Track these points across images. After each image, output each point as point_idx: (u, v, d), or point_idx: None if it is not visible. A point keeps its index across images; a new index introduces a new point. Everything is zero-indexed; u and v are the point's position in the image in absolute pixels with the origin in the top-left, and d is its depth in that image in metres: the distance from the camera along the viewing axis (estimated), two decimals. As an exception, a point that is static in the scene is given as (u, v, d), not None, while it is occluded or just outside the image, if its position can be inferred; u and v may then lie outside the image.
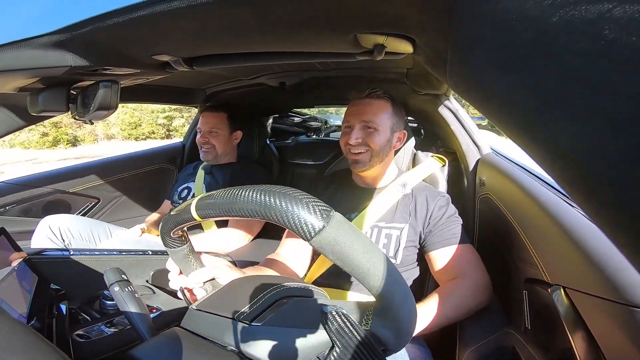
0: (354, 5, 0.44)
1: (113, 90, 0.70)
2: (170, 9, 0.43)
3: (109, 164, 2.01)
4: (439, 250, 0.98)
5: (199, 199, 0.49)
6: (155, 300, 1.07)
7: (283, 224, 0.40)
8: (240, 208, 0.42)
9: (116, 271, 0.76)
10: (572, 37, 0.19)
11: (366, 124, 1.05)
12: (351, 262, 0.40)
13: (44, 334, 0.71)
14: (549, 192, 0.83)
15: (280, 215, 0.39)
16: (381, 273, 0.40)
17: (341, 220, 0.40)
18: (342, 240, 0.39)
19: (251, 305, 0.52)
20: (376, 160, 1.07)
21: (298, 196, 0.40)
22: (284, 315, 0.49)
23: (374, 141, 1.04)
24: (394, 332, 0.43)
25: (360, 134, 1.05)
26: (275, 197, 0.40)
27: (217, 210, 0.46)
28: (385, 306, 0.42)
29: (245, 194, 0.42)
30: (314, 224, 0.38)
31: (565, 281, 0.63)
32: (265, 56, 0.71)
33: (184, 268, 0.65)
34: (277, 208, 0.39)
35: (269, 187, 0.42)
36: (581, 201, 0.21)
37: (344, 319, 0.40)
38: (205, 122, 1.72)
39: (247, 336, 0.49)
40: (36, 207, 1.72)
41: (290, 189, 0.41)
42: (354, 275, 0.41)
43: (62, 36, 0.51)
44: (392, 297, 0.42)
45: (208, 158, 1.72)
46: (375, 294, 0.42)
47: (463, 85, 0.36)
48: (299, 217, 0.38)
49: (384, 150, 1.07)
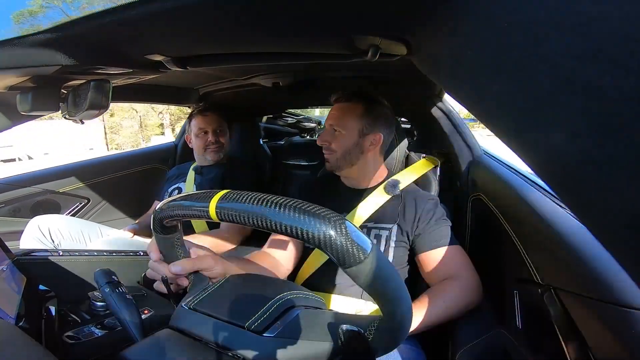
0: (349, 6, 0.44)
1: (105, 89, 0.69)
2: (164, 8, 0.43)
3: (99, 164, 1.99)
4: (428, 253, 0.99)
5: (223, 197, 0.44)
6: (147, 302, 1.06)
7: (322, 249, 0.39)
8: (275, 223, 0.40)
9: (107, 272, 0.75)
10: (563, 40, 0.19)
11: (333, 127, 1.09)
12: (376, 291, 0.42)
13: (33, 335, 0.70)
14: (540, 193, 0.84)
15: (324, 241, 0.38)
16: (400, 302, 0.43)
17: (379, 254, 0.41)
18: (377, 273, 0.40)
19: (261, 314, 0.52)
20: (344, 162, 1.09)
21: (343, 224, 0.39)
22: (295, 327, 0.51)
23: (338, 144, 1.07)
24: (388, 345, 0.47)
25: (327, 137, 1.09)
26: (320, 221, 0.38)
27: (245, 218, 0.42)
28: (391, 327, 0.46)
29: (285, 210, 0.39)
30: (355, 254, 0.39)
31: (555, 282, 0.64)
32: (259, 57, 0.71)
33: (168, 256, 0.63)
34: (321, 234, 0.38)
35: (314, 208, 0.40)
36: (571, 203, 0.21)
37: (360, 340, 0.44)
38: (210, 122, 1.70)
39: (258, 347, 0.49)
40: (25, 207, 1.69)
41: (333, 213, 0.40)
42: (375, 300, 0.44)
43: (53, 35, 0.50)
44: (402, 321, 0.45)
45: (219, 157, 1.71)
46: (385, 314, 0.45)
47: (456, 87, 0.37)
48: (343, 246, 0.38)
49: (352, 153, 1.08)
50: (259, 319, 0.51)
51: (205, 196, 0.46)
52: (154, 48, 0.63)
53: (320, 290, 1.06)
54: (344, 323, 0.47)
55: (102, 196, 1.92)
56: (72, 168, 1.85)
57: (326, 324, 0.50)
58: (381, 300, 0.44)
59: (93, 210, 1.90)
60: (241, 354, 0.49)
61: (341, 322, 0.49)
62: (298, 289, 0.59)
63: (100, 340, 0.85)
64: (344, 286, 1.03)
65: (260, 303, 0.54)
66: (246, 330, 0.51)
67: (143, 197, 2.01)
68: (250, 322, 0.51)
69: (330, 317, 0.52)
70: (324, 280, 1.06)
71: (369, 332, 0.47)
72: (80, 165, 1.92)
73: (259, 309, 0.53)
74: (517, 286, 0.78)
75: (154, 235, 0.59)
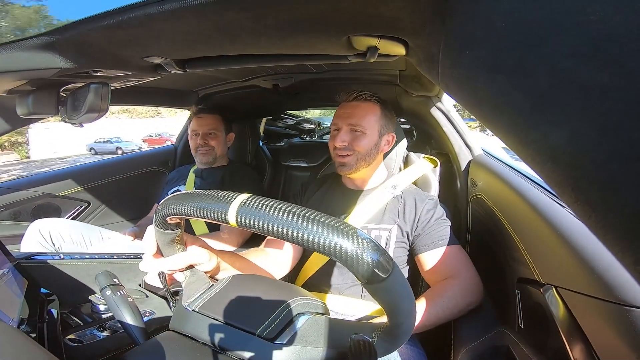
0: (348, 7, 0.44)
1: (103, 92, 0.69)
2: (163, 10, 0.43)
3: (99, 167, 1.98)
4: (428, 253, 0.99)
5: (244, 203, 0.42)
6: (148, 304, 1.07)
7: (346, 265, 0.39)
8: (299, 235, 0.38)
9: (108, 275, 0.75)
10: (562, 39, 0.19)
11: (353, 127, 1.05)
12: (390, 306, 0.44)
13: (35, 338, 0.70)
14: (540, 192, 0.84)
15: (350, 259, 0.38)
16: (409, 315, 0.45)
17: (398, 273, 0.41)
18: (395, 290, 0.42)
19: (271, 321, 0.53)
20: (362, 163, 1.07)
21: (371, 243, 0.39)
22: (305, 335, 0.52)
23: (361, 144, 1.04)
24: (388, 349, 0.48)
25: (347, 137, 1.05)
26: (347, 238, 0.38)
27: (267, 226, 0.40)
28: (395, 334, 0.47)
29: (316, 227, 0.38)
30: (378, 273, 0.39)
31: (556, 280, 0.64)
32: (258, 58, 0.71)
33: (165, 251, 0.62)
34: (346, 251, 0.38)
35: (341, 225, 0.39)
36: (571, 202, 0.21)
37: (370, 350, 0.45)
38: (202, 124, 1.68)
39: (270, 354, 0.49)
40: (25, 211, 1.69)
41: (361, 232, 0.40)
42: (385, 311, 0.45)
43: (52, 38, 0.50)
44: (407, 329, 0.47)
45: (207, 160, 1.69)
46: (392, 324, 0.46)
47: (454, 87, 0.37)
48: (368, 264, 0.38)
49: (371, 153, 1.07)
50: (270, 326, 0.52)
51: (225, 199, 0.43)
52: (154, 51, 0.63)
53: (320, 291, 1.06)
54: (351, 330, 0.49)
55: (102, 199, 1.92)
56: (72, 171, 1.85)
57: (334, 332, 0.52)
58: (392, 312, 0.45)
59: (94, 213, 1.90)
60: (240, 355, 0.49)
61: (349, 330, 0.51)
62: (302, 294, 0.60)
63: (102, 343, 0.85)
64: (344, 286, 1.03)
65: (268, 309, 0.54)
66: (257, 337, 0.51)
67: (143, 200, 2.01)
68: (261, 329, 0.51)
69: (338, 325, 0.53)
70: (324, 280, 1.06)
71: (372, 337, 0.48)
72: (80, 168, 1.93)
73: (268, 316, 0.53)
74: (518, 285, 0.78)
75: (154, 229, 0.57)
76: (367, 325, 0.52)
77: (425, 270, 1.00)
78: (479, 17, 0.27)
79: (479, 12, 0.27)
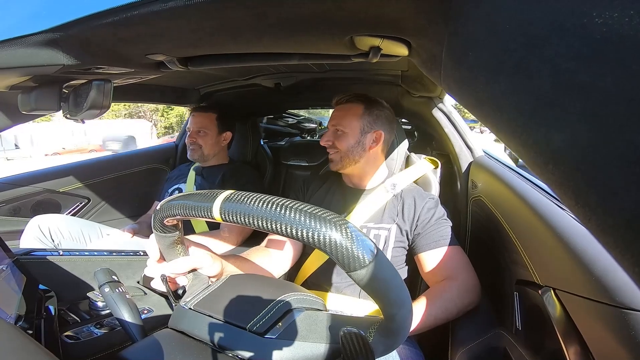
0: (352, 7, 0.44)
1: (106, 89, 0.69)
2: (166, 8, 0.43)
3: (99, 163, 1.98)
4: (428, 252, 0.99)
5: (227, 199, 0.44)
6: (147, 302, 1.07)
7: (326, 252, 0.39)
8: (279, 225, 0.39)
9: (106, 272, 0.75)
10: (564, 40, 0.19)
11: (335, 127, 1.12)
12: (378, 294, 0.43)
13: (32, 335, 0.70)
14: (540, 194, 0.84)
15: (328, 245, 0.38)
16: (401, 305, 0.44)
17: (382, 258, 0.41)
18: (379, 277, 0.41)
19: (262, 315, 0.53)
20: (347, 160, 1.11)
21: (349, 227, 0.39)
22: (296, 329, 0.51)
23: (342, 143, 1.10)
24: (387, 347, 0.47)
25: (331, 137, 1.13)
26: (325, 225, 0.38)
27: (249, 219, 0.41)
28: (392, 329, 0.46)
29: (289, 212, 0.39)
30: (360, 258, 0.39)
31: (555, 283, 0.64)
32: (260, 57, 0.71)
33: (167, 255, 0.62)
34: (326, 238, 0.38)
35: (319, 211, 0.40)
36: (571, 204, 0.21)
37: (362, 343, 0.44)
38: (193, 122, 1.72)
39: (260, 348, 0.49)
40: (25, 207, 1.69)
41: (337, 217, 0.40)
42: (376, 302, 0.44)
43: (55, 34, 0.50)
44: (402, 324, 0.46)
45: (194, 157, 1.72)
46: (386, 317, 0.46)
47: (456, 88, 0.37)
48: (348, 251, 0.38)
49: (354, 151, 1.10)
50: (261, 321, 0.51)
51: (210, 196, 0.45)
52: (156, 48, 0.63)
53: (320, 289, 1.06)
54: (345, 325, 0.48)
55: (102, 196, 1.92)
56: (72, 167, 1.85)
57: (327, 326, 0.51)
58: (382, 303, 0.44)
59: (93, 210, 1.90)
60: (242, 355, 0.49)
61: (342, 324, 0.50)
62: (298, 290, 0.59)
63: (99, 340, 0.85)
64: (342, 285, 1.04)
65: (261, 304, 0.54)
66: (248, 331, 0.51)
67: (143, 197, 2.01)
68: (251, 323, 0.51)
69: (331, 319, 0.52)
70: (323, 279, 1.07)
71: (369, 334, 0.48)
72: (80, 164, 1.92)
73: (260, 311, 0.53)
74: (516, 287, 0.78)
75: (154, 233, 0.59)
76: (363, 320, 0.52)
77: (425, 271, 1.00)
78: (482, 18, 0.27)
79: (482, 14, 0.27)
